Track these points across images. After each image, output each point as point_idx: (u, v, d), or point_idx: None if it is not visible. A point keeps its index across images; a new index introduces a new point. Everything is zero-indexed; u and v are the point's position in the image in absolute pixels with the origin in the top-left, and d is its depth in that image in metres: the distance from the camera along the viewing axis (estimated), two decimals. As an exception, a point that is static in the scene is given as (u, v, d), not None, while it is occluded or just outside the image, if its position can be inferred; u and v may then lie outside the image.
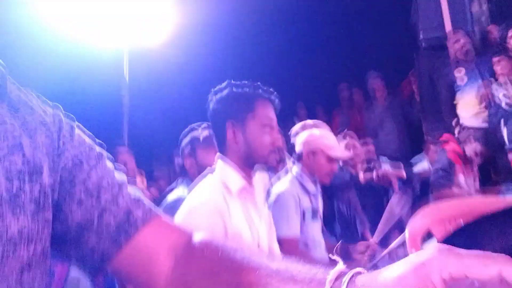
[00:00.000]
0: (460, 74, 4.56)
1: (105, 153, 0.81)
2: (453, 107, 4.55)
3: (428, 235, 1.62)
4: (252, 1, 6.20)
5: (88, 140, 0.79)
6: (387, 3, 5.83)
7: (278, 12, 6.55)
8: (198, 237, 0.77)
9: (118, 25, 5.54)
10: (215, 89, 1.77)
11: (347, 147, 3.47)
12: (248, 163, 1.73)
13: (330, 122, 6.02)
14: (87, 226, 0.72)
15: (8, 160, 0.64)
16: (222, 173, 1.72)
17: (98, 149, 0.80)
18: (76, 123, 0.79)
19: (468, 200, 2.01)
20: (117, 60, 5.88)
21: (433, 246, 0.48)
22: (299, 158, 2.58)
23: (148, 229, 0.76)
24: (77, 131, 0.77)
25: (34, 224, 0.64)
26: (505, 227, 0.60)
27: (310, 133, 2.62)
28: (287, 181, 2.54)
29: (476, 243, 0.60)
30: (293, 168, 2.61)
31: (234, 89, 1.72)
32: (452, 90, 4.63)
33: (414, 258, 0.48)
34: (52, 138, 0.71)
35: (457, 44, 4.59)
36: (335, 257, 0.58)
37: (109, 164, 0.80)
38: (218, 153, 1.78)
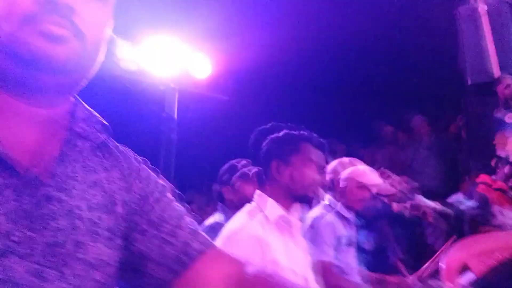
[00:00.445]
0: (511, 120, 4.54)
1: (167, 185, 0.88)
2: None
3: (465, 268, 1.61)
4: (293, 42, 6.41)
5: (152, 174, 0.86)
6: (435, 47, 5.86)
7: (322, 50, 6.70)
8: (251, 268, 0.82)
9: (169, 66, 5.82)
10: (260, 129, 1.90)
11: (381, 176, 3.50)
12: (289, 195, 1.82)
13: (367, 160, 6.03)
14: (148, 254, 0.78)
15: (90, 193, 0.72)
16: (261, 202, 1.81)
17: (161, 182, 0.87)
18: (142, 158, 0.88)
19: (507, 234, 1.99)
20: (167, 99, 6.17)
21: None
22: (331, 185, 2.65)
23: (204, 260, 0.81)
24: (143, 166, 0.86)
25: (108, 250, 0.72)
26: None
27: (340, 161, 2.69)
28: (321, 207, 2.62)
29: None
30: (326, 196, 2.67)
31: (280, 131, 1.88)
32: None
33: None
34: (124, 174, 0.80)
35: (508, 89, 4.57)
36: None
37: (171, 197, 0.87)
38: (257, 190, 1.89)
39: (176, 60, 5.72)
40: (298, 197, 1.84)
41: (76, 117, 0.76)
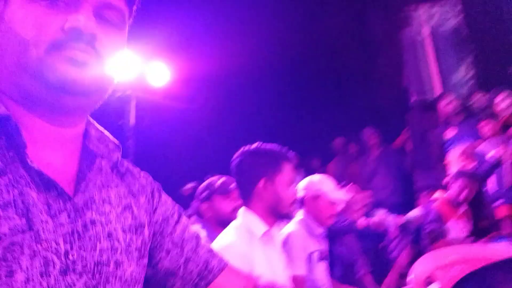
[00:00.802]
0: (450, 135, 4.92)
1: (181, 209, 0.96)
2: (442, 161, 4.91)
3: (430, 281, 1.82)
4: (252, 57, 6.58)
5: (169, 198, 0.94)
6: (383, 67, 6.24)
7: (276, 69, 6.93)
8: (264, 283, 0.97)
9: (126, 73, 5.76)
10: (246, 148, 2.03)
11: (350, 192, 3.68)
12: (272, 213, 1.96)
13: (325, 173, 6.32)
14: (174, 272, 0.87)
15: (123, 216, 0.79)
16: (247, 219, 1.95)
17: (177, 206, 0.95)
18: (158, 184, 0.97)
19: (470, 247, 2.21)
20: (124, 106, 6.13)
21: None
22: (302, 203, 2.75)
23: (223, 276, 0.91)
24: (161, 189, 0.93)
25: (138, 268, 0.79)
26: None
27: (311, 179, 2.83)
28: (293, 223, 2.69)
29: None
30: (298, 213, 2.75)
31: (266, 151, 2.02)
32: (442, 147, 4.99)
33: None
34: (148, 198, 0.87)
35: (448, 107, 4.95)
36: None
37: (186, 219, 0.95)
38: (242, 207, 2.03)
39: (133, 68, 5.70)
40: (281, 214, 1.98)
41: (91, 136, 0.81)
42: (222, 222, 2.50)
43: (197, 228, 2.68)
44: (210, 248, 0.94)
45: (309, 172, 6.13)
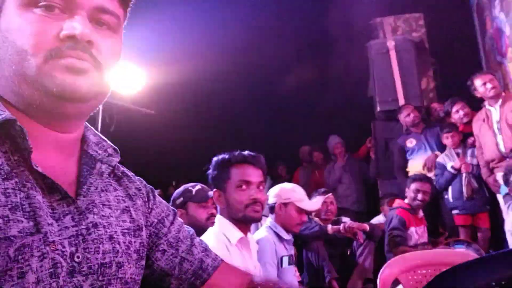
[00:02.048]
0: (411, 144, 5.10)
1: (175, 210, 0.98)
2: (404, 169, 5.08)
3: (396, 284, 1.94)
4: (223, 59, 6.63)
5: (162, 200, 0.96)
6: (350, 76, 6.41)
7: (245, 76, 6.99)
8: (258, 278, 0.95)
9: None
10: (213, 158, 2.07)
11: (326, 202, 3.78)
12: (236, 219, 1.99)
13: (291, 179, 6.44)
14: (169, 272, 0.88)
15: (122, 219, 0.81)
16: (222, 226, 2.00)
17: (171, 207, 0.96)
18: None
19: (432, 252, 2.34)
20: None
21: None
22: (272, 209, 2.81)
23: (218, 274, 0.92)
24: (155, 191, 0.95)
25: (137, 270, 0.81)
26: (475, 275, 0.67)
27: (282, 187, 2.89)
28: (263, 229, 2.77)
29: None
30: (268, 219, 2.82)
31: (216, 162, 2.03)
32: (404, 156, 5.16)
33: None
34: (144, 201, 0.89)
35: (408, 117, 5.14)
36: None
37: (180, 220, 0.97)
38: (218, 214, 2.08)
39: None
40: (239, 220, 1.98)
41: (89, 141, 0.82)
42: (196, 230, 2.46)
43: None
44: (205, 247, 0.95)
45: (275, 179, 6.24)
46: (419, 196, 3.94)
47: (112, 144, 0.87)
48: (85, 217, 0.73)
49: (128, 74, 5.91)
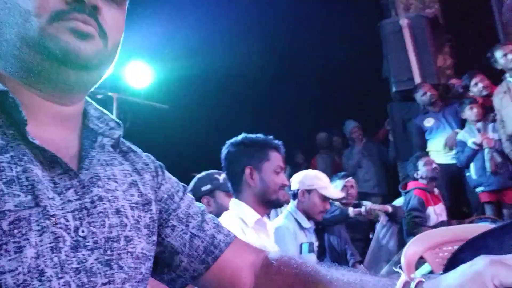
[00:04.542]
0: (429, 124, 4.99)
1: (185, 186, 0.94)
2: (424, 150, 4.97)
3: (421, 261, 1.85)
4: (235, 56, 6.61)
5: (172, 176, 0.92)
6: (362, 58, 6.31)
7: (258, 65, 6.96)
8: (273, 254, 0.89)
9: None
10: (232, 140, 2.05)
11: (346, 186, 3.73)
12: (262, 200, 2.00)
13: (309, 167, 6.38)
14: (180, 248, 0.85)
15: (129, 193, 0.79)
16: (239, 209, 1.97)
17: (181, 183, 0.93)
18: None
19: (457, 228, 2.27)
20: (105, 107, 6.08)
21: (484, 258, 0.55)
22: (295, 196, 2.78)
23: (230, 250, 0.88)
24: (163, 167, 0.93)
25: (148, 245, 0.78)
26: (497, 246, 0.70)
27: (305, 173, 2.85)
28: (283, 216, 2.74)
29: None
30: (289, 205, 2.79)
31: (251, 141, 2.04)
32: (422, 136, 5.05)
33: (469, 268, 0.56)
34: (153, 175, 0.86)
35: (425, 96, 5.02)
36: (398, 269, 0.68)
37: (191, 196, 0.93)
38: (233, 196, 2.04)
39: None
40: (270, 201, 2.01)
41: (90, 115, 0.80)
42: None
43: None
44: (216, 223, 0.91)
45: (293, 167, 6.20)
46: (433, 166, 3.90)
47: (114, 118, 0.84)
48: (89, 190, 0.71)
49: (139, 69, 5.94)
